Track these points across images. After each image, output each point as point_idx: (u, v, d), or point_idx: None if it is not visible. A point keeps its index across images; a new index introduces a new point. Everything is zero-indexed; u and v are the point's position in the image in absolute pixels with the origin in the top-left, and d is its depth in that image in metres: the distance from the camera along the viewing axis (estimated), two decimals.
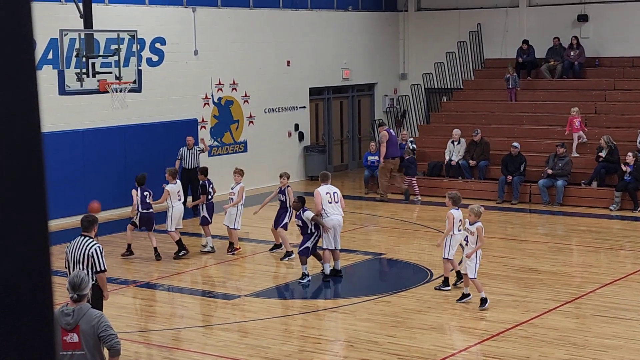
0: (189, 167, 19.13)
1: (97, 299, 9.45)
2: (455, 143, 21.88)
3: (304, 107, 24.52)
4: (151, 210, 15.23)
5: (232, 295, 13.05)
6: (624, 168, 19.17)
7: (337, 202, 13.66)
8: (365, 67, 26.20)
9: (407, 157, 21.32)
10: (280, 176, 15.50)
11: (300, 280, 13.56)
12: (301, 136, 24.43)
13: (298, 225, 13.62)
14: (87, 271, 9.40)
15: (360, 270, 14.82)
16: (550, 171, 19.86)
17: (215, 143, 21.91)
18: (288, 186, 15.43)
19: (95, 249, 9.33)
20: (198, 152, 19.46)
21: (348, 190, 22.78)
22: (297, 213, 13.55)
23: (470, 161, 21.56)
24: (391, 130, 21.87)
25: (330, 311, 12.23)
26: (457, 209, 12.58)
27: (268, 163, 23.10)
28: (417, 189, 21.02)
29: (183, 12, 20.96)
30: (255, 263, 15.22)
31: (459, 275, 12.60)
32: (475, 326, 11.36)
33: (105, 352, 6.98)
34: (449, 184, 21.46)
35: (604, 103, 22.69)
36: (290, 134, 24.14)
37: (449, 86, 25.91)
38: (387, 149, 21.02)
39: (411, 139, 22.99)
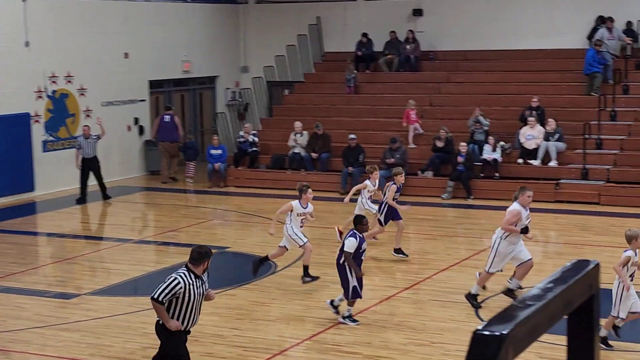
0: (88, 157, 19.70)
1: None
2: (298, 135, 22.09)
3: (144, 100, 24.02)
4: None
5: (70, 295, 12.64)
6: (459, 159, 19.94)
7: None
8: (205, 59, 25.94)
9: (186, 142, 22.86)
10: (399, 174, 14.43)
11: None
12: (141, 130, 23.92)
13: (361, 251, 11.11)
14: None
15: None
16: (393, 160, 20.37)
17: (51, 138, 21.12)
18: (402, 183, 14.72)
19: (169, 277, 8.18)
20: (95, 141, 19.79)
21: (191, 184, 22.56)
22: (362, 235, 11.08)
23: (312, 153, 21.82)
24: (166, 116, 23.01)
25: None
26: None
27: (107, 158, 22.48)
28: (192, 172, 22.67)
29: (12, 2, 20.03)
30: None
31: None
32: (319, 315, 11.51)
33: None
34: (291, 177, 21.65)
35: (439, 95, 23.48)
36: (129, 128, 23.59)
37: (290, 79, 26.09)
38: (158, 132, 22.96)
39: (254, 132, 23.02)
